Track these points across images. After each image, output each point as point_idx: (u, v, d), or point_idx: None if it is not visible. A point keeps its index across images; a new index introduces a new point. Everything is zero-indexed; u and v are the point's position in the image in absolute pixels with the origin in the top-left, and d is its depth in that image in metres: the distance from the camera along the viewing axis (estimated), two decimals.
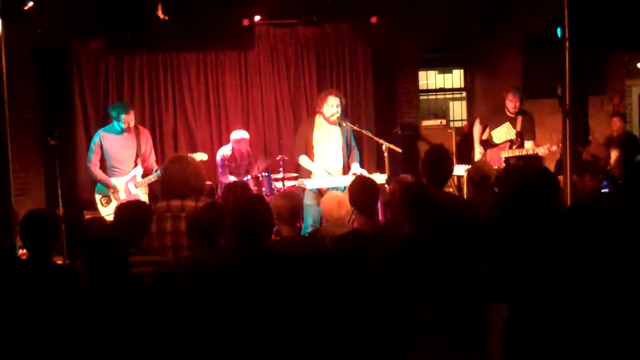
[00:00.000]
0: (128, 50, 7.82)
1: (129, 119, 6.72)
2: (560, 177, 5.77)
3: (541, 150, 7.25)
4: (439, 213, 3.36)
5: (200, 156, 6.82)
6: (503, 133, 7.55)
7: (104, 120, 7.81)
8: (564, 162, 6.29)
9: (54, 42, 7.59)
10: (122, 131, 6.76)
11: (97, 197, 6.83)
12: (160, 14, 6.97)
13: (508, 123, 7.51)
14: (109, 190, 6.80)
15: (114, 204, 6.73)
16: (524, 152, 7.37)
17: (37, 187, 7.87)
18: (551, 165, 8.59)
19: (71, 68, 7.66)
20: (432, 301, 3.03)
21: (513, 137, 7.46)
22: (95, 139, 6.83)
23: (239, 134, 7.49)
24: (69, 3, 6.92)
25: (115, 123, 6.78)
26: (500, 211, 3.61)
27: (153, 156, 7.04)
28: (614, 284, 2.94)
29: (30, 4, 6.55)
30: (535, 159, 7.55)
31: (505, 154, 7.44)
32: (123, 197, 6.75)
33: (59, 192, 6.65)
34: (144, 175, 6.86)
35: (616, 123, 8.49)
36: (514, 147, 7.42)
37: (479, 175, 4.66)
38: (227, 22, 7.66)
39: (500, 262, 2.83)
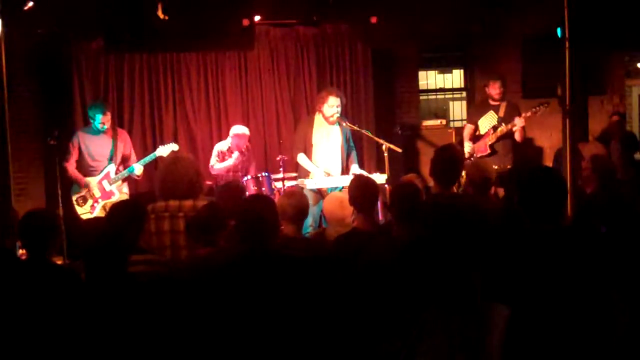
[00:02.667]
0: (128, 50, 7.82)
1: (105, 120, 6.85)
2: None
3: (518, 122, 7.27)
4: (433, 214, 3.36)
5: (171, 147, 7.06)
6: (487, 122, 7.58)
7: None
8: (564, 162, 6.29)
9: (54, 42, 7.59)
10: (99, 132, 6.89)
11: (74, 197, 6.90)
12: (160, 14, 6.97)
13: (491, 111, 7.56)
14: (82, 190, 6.89)
15: (89, 203, 6.90)
16: (503, 130, 7.38)
17: (37, 187, 7.88)
18: (549, 161, 8.61)
19: (71, 68, 7.66)
20: (434, 302, 3.03)
21: (495, 122, 7.48)
22: (73, 139, 6.92)
23: (240, 129, 7.46)
24: (69, 3, 6.92)
25: (92, 123, 6.90)
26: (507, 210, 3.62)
27: (134, 157, 7.18)
28: (614, 284, 2.94)
29: (30, 3, 6.56)
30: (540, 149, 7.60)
31: (488, 140, 7.46)
32: (98, 194, 6.90)
33: (59, 192, 6.66)
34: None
35: (615, 122, 8.49)
36: (496, 131, 7.43)
37: (480, 176, 4.62)
38: (227, 22, 7.66)
39: (501, 263, 2.83)
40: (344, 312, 3.31)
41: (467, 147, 7.63)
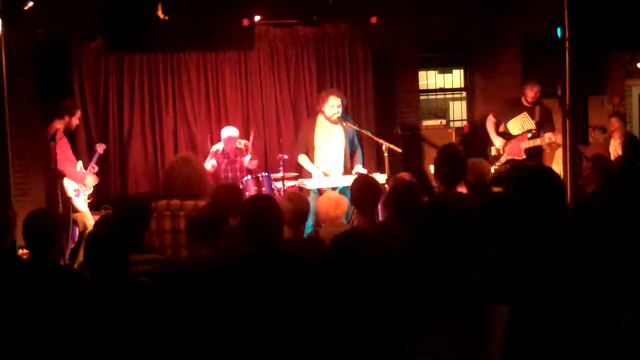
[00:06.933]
0: (128, 50, 7.82)
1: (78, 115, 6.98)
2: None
3: (552, 138, 7.29)
4: (434, 213, 3.36)
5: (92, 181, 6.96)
6: (520, 123, 7.53)
7: (104, 121, 7.83)
8: (564, 162, 6.30)
9: (54, 42, 7.59)
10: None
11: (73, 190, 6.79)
12: (160, 14, 6.96)
13: (525, 113, 7.51)
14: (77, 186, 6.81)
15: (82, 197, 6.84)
16: (546, 141, 7.36)
17: (37, 187, 7.86)
18: (550, 161, 8.61)
19: (71, 68, 7.66)
20: (433, 302, 3.02)
21: (533, 127, 7.45)
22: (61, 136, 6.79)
23: (226, 131, 7.40)
24: (69, 3, 6.91)
25: (68, 121, 6.87)
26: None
27: None
28: (616, 285, 2.93)
29: (31, 3, 6.54)
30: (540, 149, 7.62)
31: (525, 144, 7.43)
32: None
33: (59, 192, 6.64)
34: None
35: (614, 124, 8.51)
36: (534, 138, 7.40)
37: (474, 177, 4.61)
38: (227, 22, 7.64)
39: (501, 262, 2.83)
40: (346, 311, 3.31)
41: (499, 142, 7.57)
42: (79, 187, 6.84)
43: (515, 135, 7.54)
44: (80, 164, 7.00)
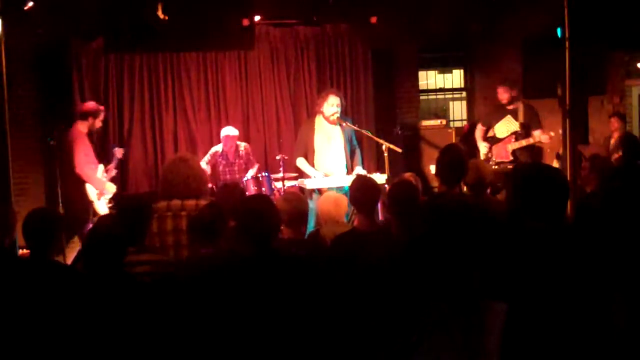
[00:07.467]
0: (128, 50, 7.82)
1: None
2: None
3: (544, 138, 7.37)
4: (434, 213, 3.36)
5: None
6: (505, 126, 7.64)
7: (104, 121, 7.82)
8: (564, 162, 6.29)
9: (54, 42, 7.59)
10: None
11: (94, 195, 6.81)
12: (160, 14, 6.96)
13: (509, 115, 7.64)
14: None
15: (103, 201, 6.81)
16: (531, 141, 7.49)
17: (37, 187, 7.87)
18: (549, 161, 8.63)
19: (71, 68, 7.66)
20: (436, 301, 3.03)
21: (517, 128, 7.54)
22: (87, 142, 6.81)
23: (225, 130, 7.49)
24: (69, 3, 6.92)
25: (91, 123, 6.83)
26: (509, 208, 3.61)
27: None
28: (615, 284, 2.94)
29: (31, 3, 6.55)
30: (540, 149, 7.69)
31: (511, 146, 7.53)
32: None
33: (59, 192, 6.65)
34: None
35: (614, 123, 8.52)
36: (519, 139, 7.50)
37: (474, 177, 4.62)
38: (227, 22, 7.66)
39: (499, 260, 2.83)
40: (345, 311, 3.31)
41: (483, 147, 7.75)
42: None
43: (501, 138, 7.63)
44: (101, 167, 6.95)
